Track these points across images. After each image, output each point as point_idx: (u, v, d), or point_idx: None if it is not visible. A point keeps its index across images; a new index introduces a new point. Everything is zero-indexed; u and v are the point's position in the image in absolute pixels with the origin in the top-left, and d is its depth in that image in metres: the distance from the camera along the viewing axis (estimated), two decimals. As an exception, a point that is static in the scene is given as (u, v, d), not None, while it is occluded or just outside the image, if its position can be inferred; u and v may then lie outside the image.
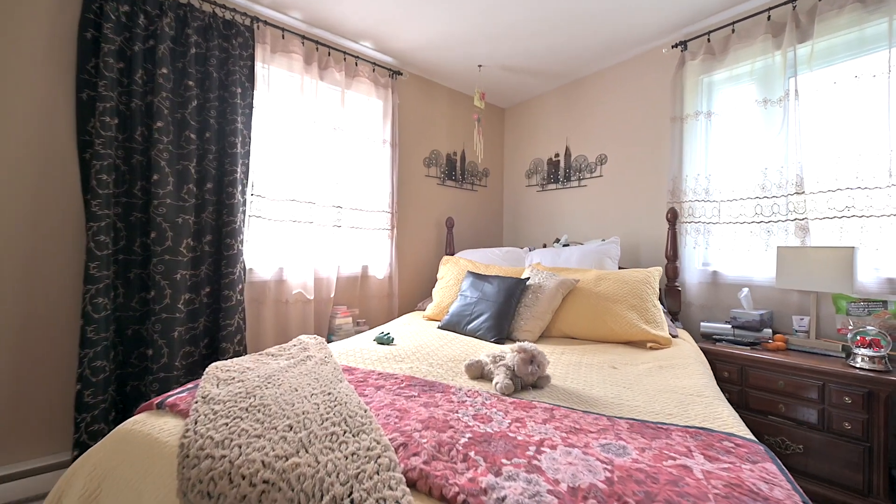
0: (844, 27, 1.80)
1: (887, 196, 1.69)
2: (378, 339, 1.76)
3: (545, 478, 0.68)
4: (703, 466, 0.74)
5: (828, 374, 1.57)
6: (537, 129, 3.33)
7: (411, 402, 1.04)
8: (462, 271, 2.39)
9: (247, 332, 2.06)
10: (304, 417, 0.84)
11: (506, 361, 1.26)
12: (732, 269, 2.21)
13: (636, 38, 2.49)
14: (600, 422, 0.96)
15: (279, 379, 1.09)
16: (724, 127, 2.22)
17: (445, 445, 0.77)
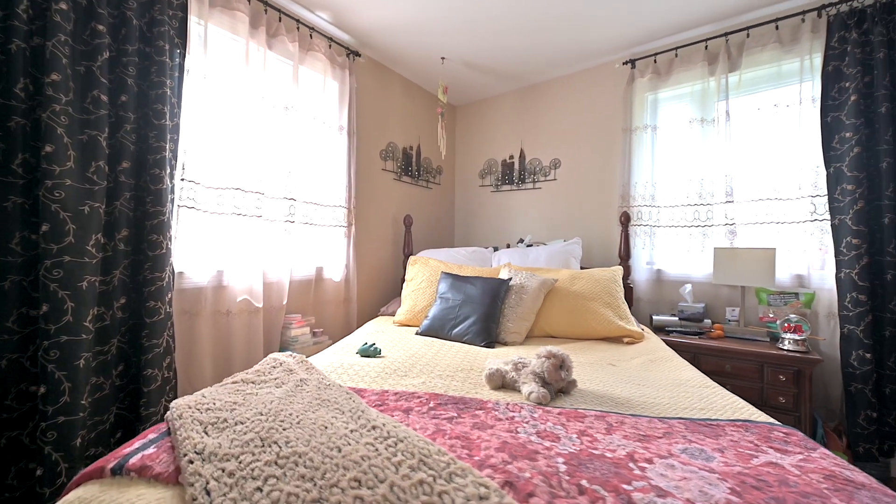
0: (766, 62, 2.14)
1: (797, 207, 2.05)
2: (362, 351, 1.54)
3: (681, 500, 0.61)
4: (785, 461, 0.76)
5: (765, 357, 1.83)
6: (492, 130, 3.34)
7: (459, 424, 0.90)
8: (434, 272, 2.25)
9: (176, 354, 1.64)
10: (368, 465, 0.64)
11: (532, 368, 1.18)
12: (674, 268, 2.48)
13: (591, 52, 2.64)
14: (654, 424, 0.94)
15: (290, 414, 0.84)
16: (667, 140, 2.48)
17: (553, 477, 0.66)
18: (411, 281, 2.29)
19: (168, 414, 0.86)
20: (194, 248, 1.75)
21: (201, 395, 0.95)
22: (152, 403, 1.47)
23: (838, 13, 1.93)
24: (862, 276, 1.80)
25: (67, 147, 1.30)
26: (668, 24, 2.32)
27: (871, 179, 1.83)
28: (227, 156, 1.84)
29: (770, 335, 2.03)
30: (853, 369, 1.80)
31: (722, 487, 0.65)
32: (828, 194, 1.93)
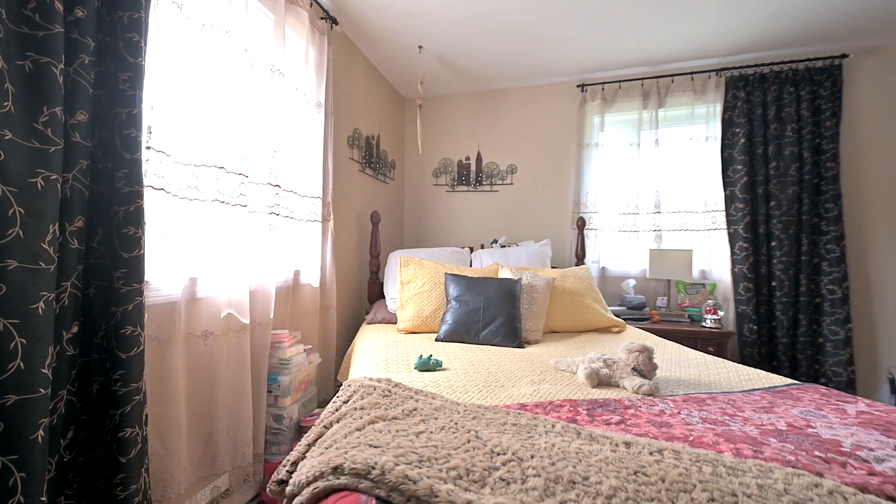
0: (685, 104, 2.74)
1: (702, 218, 2.69)
2: (421, 365, 1.37)
3: (893, 438, 0.78)
4: (854, 408, 1.03)
5: (698, 334, 2.36)
6: (448, 129, 3.32)
7: (634, 426, 0.91)
8: (434, 274, 2.12)
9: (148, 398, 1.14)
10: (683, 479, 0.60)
11: (627, 362, 1.27)
12: (615, 266, 2.94)
13: (551, 70, 2.90)
14: (753, 397, 1.14)
15: (507, 447, 0.71)
16: (611, 158, 2.92)
17: (797, 455, 0.75)
18: (408, 284, 2.11)
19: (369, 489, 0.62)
20: (162, 247, 1.24)
21: (362, 447, 0.71)
22: (133, 479, 0.99)
23: (731, 76, 2.62)
24: (749, 270, 2.50)
25: (2, 76, 0.77)
26: (613, 60, 2.73)
27: (753, 200, 2.55)
28: (203, 122, 1.36)
29: (689, 317, 2.61)
30: (745, 338, 2.48)
31: (861, 428, 0.85)
32: (725, 210, 2.61)
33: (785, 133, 2.52)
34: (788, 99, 2.52)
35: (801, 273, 2.49)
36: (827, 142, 2.46)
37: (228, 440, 1.43)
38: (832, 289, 2.42)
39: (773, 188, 2.53)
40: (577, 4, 2.13)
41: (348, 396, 1.00)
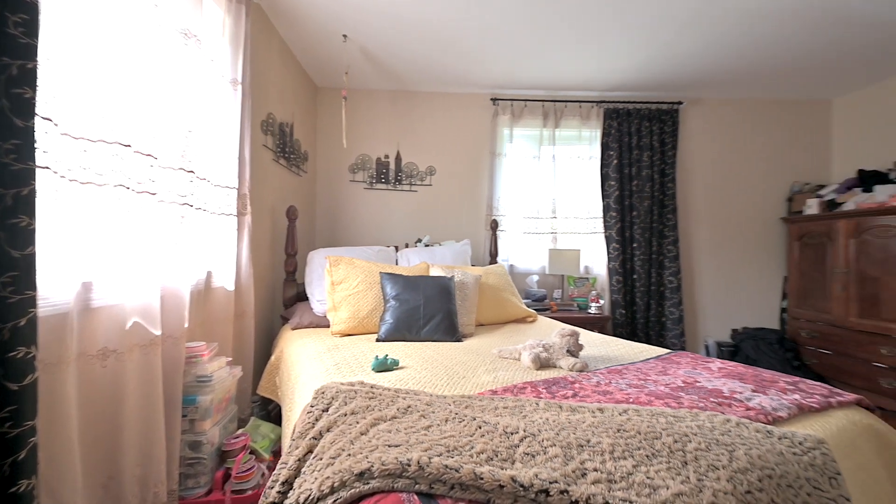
0: (575, 127, 3.24)
1: (587, 223, 3.23)
2: (378, 365, 1.35)
3: (758, 386, 1.11)
4: (714, 366, 1.42)
5: (588, 319, 2.84)
6: (367, 124, 3.23)
7: (586, 397, 1.09)
8: (368, 274, 2.07)
9: (32, 442, 0.88)
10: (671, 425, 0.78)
11: (561, 345, 1.48)
12: (521, 263, 3.30)
13: (467, 81, 3.09)
14: (650, 365, 1.45)
15: (518, 426, 0.79)
16: (518, 167, 3.27)
17: (702, 402, 1.02)
18: (340, 285, 2.01)
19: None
20: (46, 243, 0.96)
21: (381, 448, 0.71)
22: (28, 547, 0.76)
23: (608, 108, 3.21)
24: (619, 266, 3.11)
25: None
26: (521, 80, 3.06)
27: (622, 210, 3.18)
28: (104, 86, 1.08)
29: (578, 306, 3.11)
30: (617, 320, 3.08)
31: (727, 380, 1.21)
32: (603, 217, 3.19)
33: (643, 158, 3.21)
34: (645, 131, 3.21)
35: (652, 268, 3.21)
36: (668, 167, 3.22)
37: (136, 480, 1.17)
38: (671, 280, 3.19)
39: (635, 201, 3.20)
40: (493, 27, 2.33)
41: (327, 404, 0.94)
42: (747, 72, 2.91)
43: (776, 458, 0.74)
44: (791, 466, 0.74)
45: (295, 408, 1.21)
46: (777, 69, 2.87)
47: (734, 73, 2.94)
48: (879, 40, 2.47)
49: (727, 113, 3.39)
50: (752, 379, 1.25)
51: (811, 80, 3.06)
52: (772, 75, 2.97)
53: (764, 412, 0.97)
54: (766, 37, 2.44)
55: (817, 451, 0.78)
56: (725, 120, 3.39)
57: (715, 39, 2.48)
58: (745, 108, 3.40)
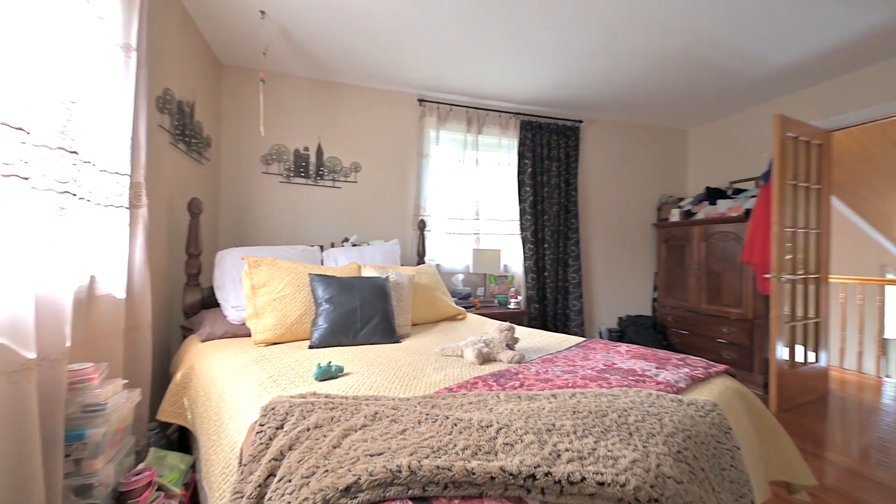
0: (495, 135, 3.45)
1: (505, 225, 3.47)
2: (321, 374, 1.26)
3: (638, 368, 1.33)
4: (623, 349, 1.67)
5: (508, 314, 3.05)
6: (285, 113, 2.96)
7: (531, 387, 1.20)
8: (295, 276, 1.90)
9: None
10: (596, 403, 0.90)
11: (500, 340, 1.58)
12: (446, 262, 3.38)
13: (394, 79, 3.06)
14: (573, 352, 1.64)
15: (490, 419, 0.83)
16: (444, 169, 3.35)
17: (624, 380, 1.19)
18: (263, 288, 1.82)
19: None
20: None
21: (363, 459, 0.68)
22: None
23: (523, 120, 3.50)
24: (533, 265, 3.41)
25: None
26: (447, 84, 3.15)
27: (536, 214, 3.49)
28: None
29: (498, 302, 3.33)
30: (532, 314, 3.37)
31: (646, 362, 1.44)
32: (519, 220, 3.46)
33: (552, 168, 3.57)
34: (554, 144, 3.58)
35: (559, 266, 3.60)
36: (572, 177, 3.64)
37: (-4, 551, 0.90)
38: (574, 276, 3.61)
39: (546, 206, 3.54)
40: (426, 27, 2.36)
41: (281, 420, 0.86)
42: (630, 100, 3.46)
43: (690, 421, 0.91)
44: (700, 427, 0.92)
45: (225, 430, 1.06)
46: (650, 101, 3.47)
47: (621, 100, 3.46)
48: (724, 85, 3.16)
49: (615, 133, 3.98)
50: (653, 358, 1.50)
51: (674, 112, 3.77)
52: (646, 105, 3.57)
53: (669, 384, 1.18)
54: (644, 74, 2.93)
55: (714, 412, 0.99)
56: (614, 139, 3.97)
57: (611, 71, 2.89)
58: (629, 131, 4.03)
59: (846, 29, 2.33)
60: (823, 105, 3.05)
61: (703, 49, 2.59)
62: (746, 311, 3.16)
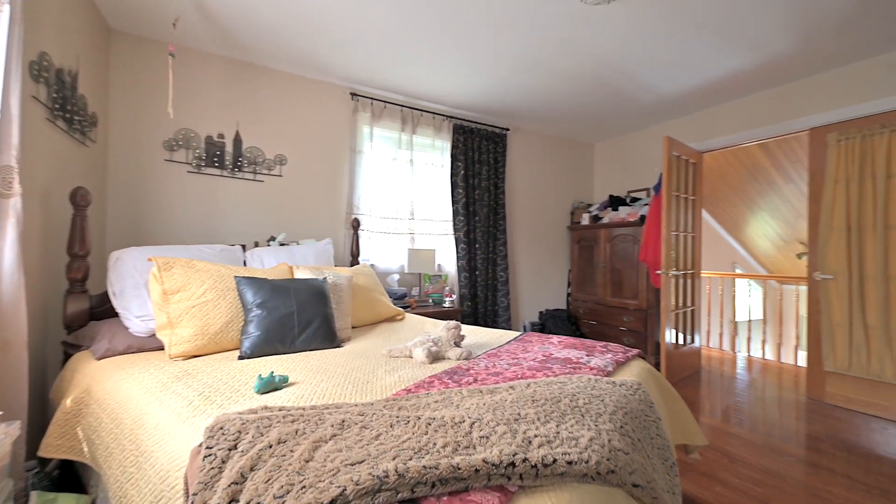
0: (429, 136, 3.49)
1: (440, 226, 3.54)
2: (263, 386, 1.16)
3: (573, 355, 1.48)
4: (554, 341, 1.83)
5: (444, 313, 3.12)
6: (195, 94, 2.61)
7: (485, 381, 1.26)
8: (217, 279, 1.69)
9: None
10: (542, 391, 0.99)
11: (448, 338, 1.61)
12: (381, 262, 3.32)
13: (324, 69, 2.91)
14: (513, 346, 1.75)
15: (463, 416, 0.86)
16: (379, 166, 3.28)
17: (565, 367, 1.32)
18: (178, 293, 1.58)
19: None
20: None
21: (342, 470, 0.66)
22: None
23: (456, 124, 3.60)
24: (466, 264, 3.53)
25: None
26: (381, 80, 3.08)
27: (468, 215, 3.61)
28: None
29: (433, 301, 3.38)
30: (465, 312, 3.49)
31: (578, 351, 1.59)
32: (453, 220, 3.55)
33: (482, 172, 3.74)
34: (484, 149, 3.75)
35: (489, 265, 3.78)
36: (500, 181, 3.86)
37: None
38: (502, 274, 3.83)
39: (478, 208, 3.70)
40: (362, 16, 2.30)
41: (233, 441, 0.77)
42: (549, 114, 3.78)
43: (624, 400, 1.05)
44: (633, 404, 1.06)
45: (150, 459, 0.92)
46: (566, 115, 3.84)
47: (542, 113, 3.77)
48: (625, 107, 3.64)
49: (536, 142, 4.31)
50: (581, 347, 1.67)
51: (584, 128, 4.23)
52: (562, 119, 3.95)
53: (600, 369, 1.34)
54: (564, 91, 3.24)
55: (640, 390, 1.15)
56: (535, 148, 4.30)
57: (536, 85, 3.13)
58: (548, 141, 4.40)
59: (717, 69, 2.87)
60: (698, 130, 3.71)
61: (612, 75, 2.95)
62: (642, 302, 3.69)
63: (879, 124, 2.58)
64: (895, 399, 2.49)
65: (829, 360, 2.76)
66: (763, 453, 2.10)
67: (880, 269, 2.54)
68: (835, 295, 2.75)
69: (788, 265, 6.19)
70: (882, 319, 2.53)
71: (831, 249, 2.78)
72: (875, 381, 2.56)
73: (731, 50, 2.58)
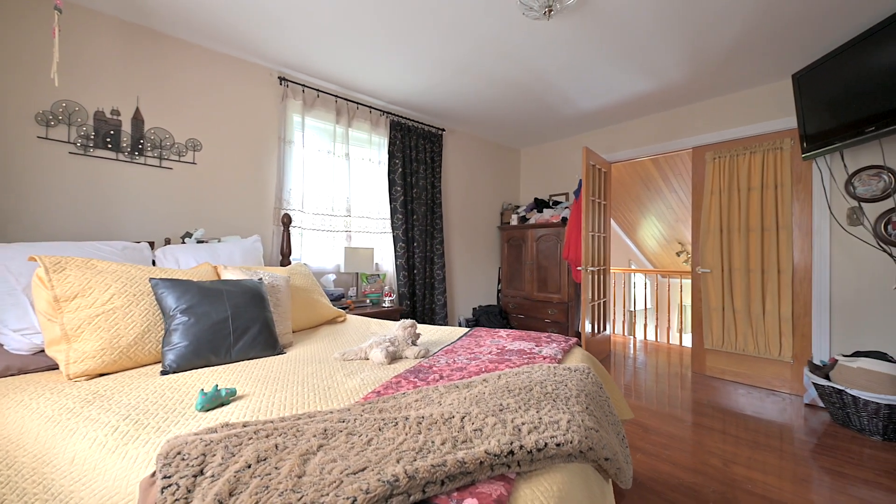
0: (366, 130, 3.38)
1: (377, 223, 3.45)
2: (206, 403, 1.02)
3: (523, 346, 1.58)
4: (503, 334, 1.92)
5: (385, 313, 3.05)
6: (80, 59, 2.15)
7: (449, 377, 1.28)
8: (127, 282, 1.42)
9: None
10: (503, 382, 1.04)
11: (405, 338, 1.59)
12: (314, 262, 3.12)
13: (246, 47, 2.62)
14: (466, 341, 1.80)
15: (431, 414, 0.86)
16: (312, 160, 3.07)
17: (522, 358, 1.39)
18: (76, 300, 1.29)
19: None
20: None
21: (346, 480, 0.62)
22: None
23: (393, 120, 3.54)
24: (405, 263, 3.50)
25: None
26: (313, 66, 2.88)
27: (406, 213, 3.58)
28: None
29: (371, 301, 3.28)
30: (404, 311, 3.45)
31: (518, 341, 1.69)
32: (390, 219, 3.49)
33: (420, 170, 3.74)
34: (421, 148, 3.76)
35: (427, 264, 3.80)
36: (437, 181, 3.90)
37: None
38: (439, 273, 3.88)
39: (416, 206, 3.69)
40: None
41: (198, 466, 0.67)
42: (480, 118, 3.94)
43: (582, 384, 1.15)
44: (589, 386, 1.17)
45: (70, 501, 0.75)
46: (496, 120, 4.04)
47: (474, 117, 3.91)
48: (548, 118, 3.95)
49: (469, 145, 4.45)
50: (528, 338, 1.78)
51: (511, 133, 4.49)
52: (493, 124, 4.14)
53: (553, 357, 1.45)
54: (496, 97, 3.40)
55: (591, 373, 1.27)
56: (467, 150, 4.44)
57: (472, 88, 3.23)
58: (479, 144, 4.58)
59: (626, 90, 3.27)
60: (607, 143, 4.19)
61: (541, 86, 3.18)
62: (564, 296, 4.05)
63: (742, 146, 3.21)
64: (755, 368, 3.13)
65: (708, 339, 3.35)
66: (667, 421, 2.46)
67: (743, 263, 3.17)
68: (711, 285, 3.35)
69: (669, 261, 7.35)
70: (744, 304, 3.15)
71: (708, 248, 3.37)
72: (740, 354, 3.19)
73: (638, 75, 2.97)
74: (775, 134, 3.07)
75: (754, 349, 3.10)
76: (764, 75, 2.96)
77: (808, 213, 2.92)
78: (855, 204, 2.67)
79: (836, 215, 2.77)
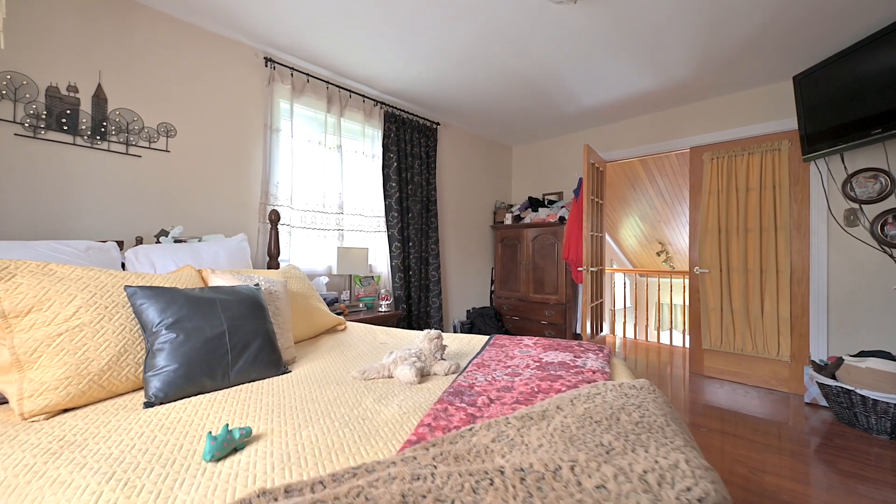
0: (359, 122, 3.13)
1: (371, 221, 3.21)
2: (217, 449, 0.79)
3: (574, 353, 1.44)
4: (529, 342, 1.77)
5: (383, 318, 2.82)
6: (29, 25, 1.79)
7: (490, 395, 1.11)
8: (93, 291, 1.14)
9: None
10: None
11: (431, 350, 1.40)
12: (304, 263, 2.84)
13: (227, 22, 2.31)
14: (493, 352, 1.62)
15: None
16: (302, 150, 2.80)
17: (569, 372, 1.24)
18: (27, 316, 1.00)
19: None
20: None
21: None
22: None
23: (387, 111, 3.31)
24: (401, 264, 3.28)
25: None
26: (303, 48, 2.59)
27: (402, 211, 3.36)
28: None
29: (365, 305, 3.04)
30: (401, 315, 3.23)
31: (551, 351, 1.54)
32: (385, 217, 3.26)
33: (415, 165, 3.53)
34: (416, 141, 3.55)
35: (422, 264, 3.60)
36: (432, 177, 3.70)
37: None
38: (434, 274, 3.69)
39: (411, 203, 3.47)
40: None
41: None
42: (475, 112, 3.77)
43: (660, 407, 1.01)
44: (666, 408, 1.02)
45: None
46: (490, 116, 3.89)
47: (468, 111, 3.74)
48: (546, 114, 3.84)
49: (462, 140, 4.28)
50: (561, 348, 1.64)
51: (504, 130, 4.36)
52: (486, 119, 3.99)
53: (601, 371, 1.31)
54: (494, 89, 3.25)
55: (656, 390, 1.13)
56: (461, 145, 4.27)
57: (470, 80, 3.05)
58: (471, 140, 4.42)
59: (629, 87, 3.21)
60: (604, 142, 4.14)
61: (544, 79, 3.06)
62: (561, 297, 3.97)
63: (741, 147, 3.22)
64: (752, 368, 3.15)
65: (706, 339, 3.35)
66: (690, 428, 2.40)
67: (741, 263, 3.18)
68: (710, 285, 3.36)
69: (649, 261, 7.50)
70: (742, 304, 3.17)
71: (706, 248, 3.38)
72: (738, 354, 3.21)
73: (645, 69, 2.90)
74: (773, 135, 3.10)
75: (752, 349, 3.13)
76: (765, 76, 2.97)
77: (806, 213, 2.96)
78: (854, 205, 2.72)
79: (835, 216, 2.81)
